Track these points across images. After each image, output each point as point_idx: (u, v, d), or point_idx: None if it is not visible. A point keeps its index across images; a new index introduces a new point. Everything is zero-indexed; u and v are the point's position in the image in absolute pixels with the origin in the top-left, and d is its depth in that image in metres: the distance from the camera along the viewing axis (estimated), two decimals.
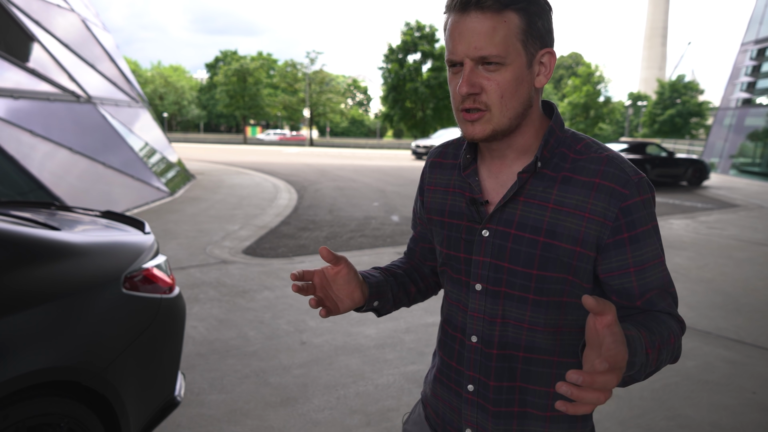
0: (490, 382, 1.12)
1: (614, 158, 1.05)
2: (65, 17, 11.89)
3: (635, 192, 1.02)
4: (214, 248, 7.04)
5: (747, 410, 3.30)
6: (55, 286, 2.02)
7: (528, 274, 1.06)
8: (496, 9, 0.97)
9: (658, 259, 1.05)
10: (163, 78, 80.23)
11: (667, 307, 1.06)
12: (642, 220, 1.02)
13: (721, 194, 15.29)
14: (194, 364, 3.68)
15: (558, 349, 1.09)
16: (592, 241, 1.02)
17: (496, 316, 1.10)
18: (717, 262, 7.09)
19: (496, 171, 1.12)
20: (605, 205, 1.01)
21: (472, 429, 1.15)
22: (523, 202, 1.06)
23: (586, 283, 1.06)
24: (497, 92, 1.00)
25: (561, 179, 1.05)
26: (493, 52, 0.98)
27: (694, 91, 58.25)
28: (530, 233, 1.05)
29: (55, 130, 9.16)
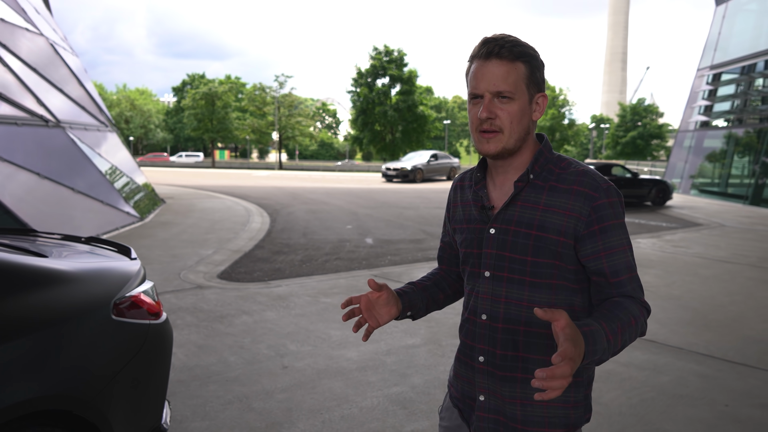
0: (498, 351, 1.40)
1: (588, 172, 1.38)
2: (33, 41, 11.74)
3: (604, 195, 1.34)
4: (189, 273, 6.96)
5: (721, 423, 3.41)
6: (45, 314, 2.00)
7: (524, 260, 1.37)
8: (510, 59, 1.33)
9: (622, 247, 1.35)
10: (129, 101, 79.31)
11: (631, 291, 1.35)
12: (609, 216, 1.33)
13: (684, 213, 15.78)
14: (175, 391, 3.63)
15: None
16: (571, 233, 1.34)
17: (500, 296, 1.40)
18: (684, 279, 7.31)
19: (500, 184, 1.45)
20: (581, 205, 1.33)
21: (485, 395, 1.43)
22: (520, 205, 1.39)
23: (570, 265, 1.36)
24: (508, 118, 1.34)
25: (548, 187, 1.37)
26: (507, 89, 1.33)
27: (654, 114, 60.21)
28: (525, 228, 1.36)
29: (23, 154, 8.98)
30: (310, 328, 5.00)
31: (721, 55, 23.32)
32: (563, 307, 1.37)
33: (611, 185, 1.36)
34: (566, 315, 1.12)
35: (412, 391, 3.73)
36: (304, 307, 5.66)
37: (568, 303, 1.38)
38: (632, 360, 4.39)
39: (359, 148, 56.78)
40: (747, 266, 8.28)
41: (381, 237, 10.29)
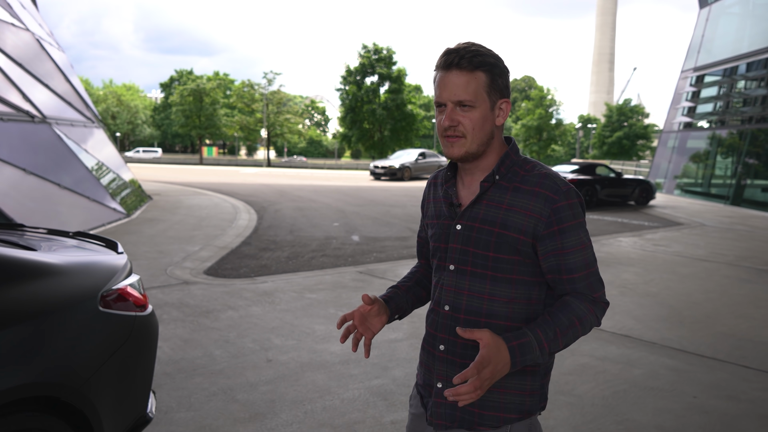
0: (459, 341, 1.47)
1: (550, 174, 1.45)
2: (19, 36, 11.69)
3: (563, 197, 1.41)
4: (175, 269, 7.02)
5: (689, 413, 3.55)
6: (34, 305, 2.08)
7: (486, 255, 1.45)
8: (469, 69, 1.40)
9: (580, 246, 1.43)
10: (115, 97, 78.69)
11: (584, 288, 1.44)
12: (568, 217, 1.41)
13: (666, 213, 16.03)
14: (161, 383, 3.71)
15: (511, 315, 1.46)
16: (531, 232, 1.42)
17: (463, 288, 1.48)
18: (662, 277, 7.49)
19: (468, 184, 1.53)
20: (541, 206, 1.41)
21: (442, 381, 1.49)
22: (485, 204, 1.47)
23: (528, 260, 1.45)
24: (470, 125, 1.42)
25: (512, 188, 1.45)
26: (467, 98, 1.40)
27: (640, 115, 60.79)
28: (489, 226, 1.45)
29: (8, 150, 8.97)
30: (295, 323, 5.09)
31: (704, 57, 23.65)
32: (521, 301, 1.46)
33: (571, 187, 1.43)
34: (488, 335, 1.31)
35: (392, 384, 3.83)
36: (289, 302, 5.75)
37: (525, 296, 1.46)
38: (607, 354, 4.53)
39: (348, 146, 56.81)
40: (724, 264, 8.47)
41: (367, 234, 10.39)
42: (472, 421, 1.47)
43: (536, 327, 1.39)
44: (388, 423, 3.30)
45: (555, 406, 3.58)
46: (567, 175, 16.76)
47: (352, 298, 6.01)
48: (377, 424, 3.28)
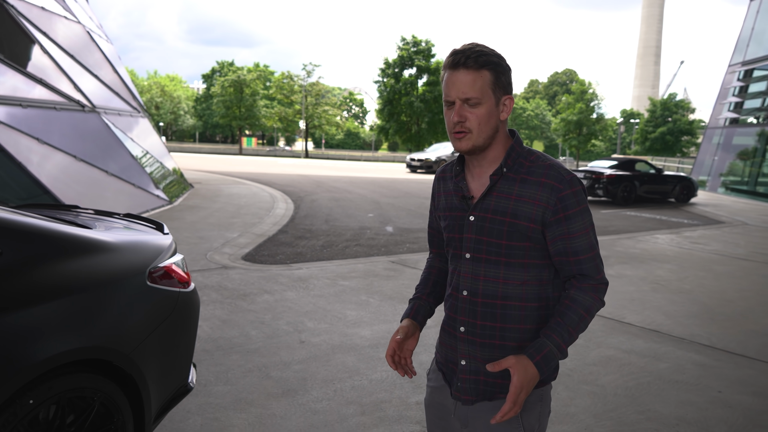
0: (478, 322, 1.60)
1: (554, 165, 1.56)
2: (71, 28, 12.19)
3: (567, 186, 1.53)
4: (215, 254, 7.30)
5: (712, 407, 3.59)
6: (89, 278, 2.28)
7: (500, 243, 1.56)
8: (475, 68, 1.50)
9: (584, 231, 1.56)
10: (159, 87, 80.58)
11: (589, 269, 1.57)
12: (572, 204, 1.53)
13: (708, 211, 15.67)
14: (201, 359, 3.93)
15: (524, 296, 1.58)
16: (539, 219, 1.53)
17: (479, 275, 1.59)
18: (697, 274, 7.41)
19: (477, 176, 1.63)
20: (548, 195, 1.52)
21: (466, 359, 1.62)
22: (496, 195, 1.57)
23: (538, 245, 1.56)
24: (476, 121, 1.53)
25: (520, 180, 1.56)
26: (474, 95, 1.51)
27: (685, 110, 59.10)
28: (500, 216, 1.55)
29: (60, 137, 9.42)
30: (328, 308, 5.27)
31: (754, 51, 22.90)
32: (533, 282, 1.58)
33: (574, 176, 1.54)
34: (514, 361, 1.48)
35: (419, 367, 3.96)
36: (322, 288, 5.94)
37: (537, 278, 1.58)
38: (633, 347, 4.57)
39: (385, 139, 56.96)
40: (763, 264, 8.31)
41: (401, 225, 10.52)
42: (494, 392, 1.59)
43: (552, 332, 1.52)
44: (413, 403, 3.45)
45: (577, 394, 3.67)
46: (605, 170, 16.53)
47: (383, 286, 6.16)
48: (403, 404, 3.43)
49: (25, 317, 2.01)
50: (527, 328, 1.58)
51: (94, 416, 2.23)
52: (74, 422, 2.17)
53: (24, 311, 2.02)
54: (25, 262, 2.10)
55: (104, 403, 2.24)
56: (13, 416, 1.94)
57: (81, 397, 2.17)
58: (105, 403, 2.24)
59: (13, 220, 2.20)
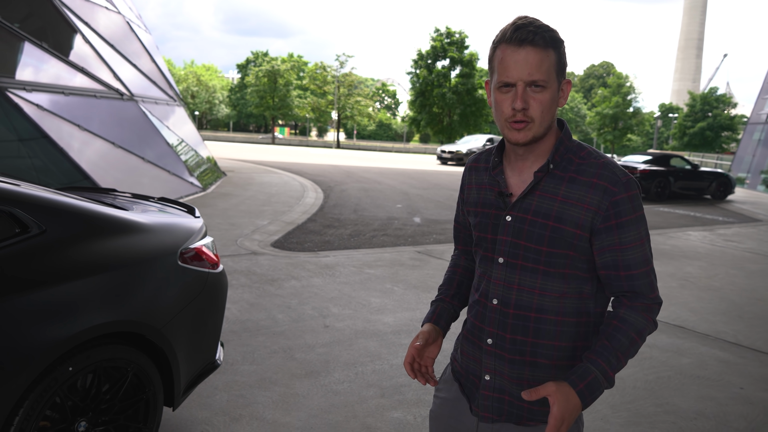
0: (507, 335, 1.42)
1: (608, 164, 1.37)
2: (111, 18, 12.54)
3: (623, 189, 1.34)
4: (245, 241, 7.48)
5: (732, 402, 3.58)
6: (125, 256, 2.43)
7: (539, 250, 1.38)
8: (543, 46, 1.31)
9: (639, 242, 1.37)
10: (195, 77, 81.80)
11: (642, 287, 1.38)
12: (627, 211, 1.35)
13: (745, 209, 15.29)
14: (229, 339, 4.09)
15: (562, 310, 1.40)
16: (588, 226, 1.35)
17: (513, 283, 1.41)
18: (728, 272, 7.29)
19: (519, 170, 1.44)
20: (600, 198, 1.34)
21: (491, 375, 1.46)
22: (539, 195, 1.39)
23: (583, 255, 1.38)
24: (539, 108, 1.33)
25: (568, 179, 1.37)
26: (541, 77, 1.31)
27: (727, 105, 57.44)
28: (542, 219, 1.37)
29: (99, 124, 9.74)
30: (353, 294, 5.39)
31: None
32: (573, 295, 1.40)
33: (630, 178, 1.35)
34: (554, 389, 1.27)
35: (440, 355, 4.04)
36: (348, 276, 6.05)
37: (577, 291, 1.40)
38: (656, 342, 4.56)
39: (417, 130, 56.87)
40: None
41: (429, 217, 10.58)
42: (521, 415, 1.44)
43: (598, 357, 1.33)
44: (432, 388, 3.53)
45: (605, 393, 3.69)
46: (639, 165, 16.26)
47: (408, 275, 6.25)
48: (422, 389, 3.52)
49: (66, 291, 2.16)
50: (563, 345, 1.41)
51: (128, 386, 2.38)
52: (109, 391, 2.33)
53: (65, 285, 2.17)
54: (67, 240, 2.25)
55: (137, 375, 2.38)
56: (54, 381, 2.09)
57: (116, 368, 2.31)
58: (138, 374, 2.39)
59: (56, 200, 2.35)
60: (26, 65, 9.27)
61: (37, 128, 8.22)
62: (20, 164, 8.00)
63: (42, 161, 8.26)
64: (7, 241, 2.09)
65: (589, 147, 1.42)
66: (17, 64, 9.23)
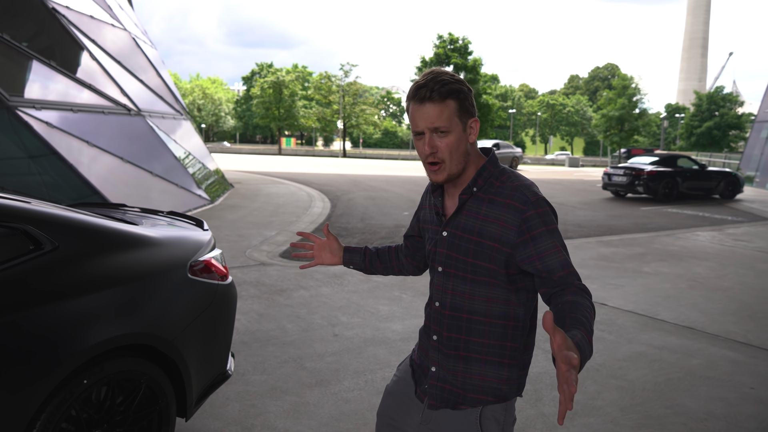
0: (444, 332, 1.66)
1: (520, 186, 1.57)
2: (117, 35, 12.70)
3: (531, 207, 1.54)
4: (253, 252, 7.54)
5: (743, 403, 3.58)
6: (136, 269, 2.48)
7: (466, 261, 1.60)
8: (439, 100, 1.53)
9: (554, 249, 1.53)
10: (201, 90, 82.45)
11: (576, 282, 1.51)
12: (537, 225, 1.53)
13: (754, 208, 15.21)
14: (239, 350, 4.13)
15: (489, 312, 1.60)
16: (505, 241, 1.55)
17: (448, 288, 1.65)
18: (737, 272, 7.26)
19: (452, 194, 1.68)
20: (512, 216, 1.54)
21: (435, 367, 1.69)
22: (465, 214, 1.62)
23: (502, 269, 1.56)
24: (447, 150, 1.57)
25: (487, 200, 1.59)
26: (442, 125, 1.54)
27: (733, 103, 57.16)
28: (468, 234, 1.60)
29: (107, 140, 9.86)
30: (361, 303, 5.42)
31: None
32: (500, 301, 1.59)
33: (539, 197, 1.55)
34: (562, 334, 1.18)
35: None
36: (356, 284, 6.09)
37: (504, 298, 1.59)
38: (665, 344, 4.56)
39: None
40: None
41: None
42: (456, 401, 1.64)
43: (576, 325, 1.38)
44: None
45: (605, 388, 3.71)
46: (646, 166, 16.21)
47: (416, 282, 6.27)
48: None
49: (79, 305, 2.21)
50: (491, 343, 1.60)
51: (141, 398, 2.42)
52: (123, 403, 2.37)
53: (79, 300, 2.22)
54: (78, 255, 2.30)
55: (150, 386, 2.43)
56: (69, 394, 2.13)
57: (129, 380, 2.36)
58: (150, 385, 2.43)
59: (67, 216, 2.41)
60: (35, 83, 9.41)
61: (46, 145, 8.34)
62: (31, 181, 8.11)
63: (52, 178, 8.38)
64: (22, 257, 2.15)
65: (511, 172, 1.63)
66: (26, 82, 9.38)
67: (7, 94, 8.13)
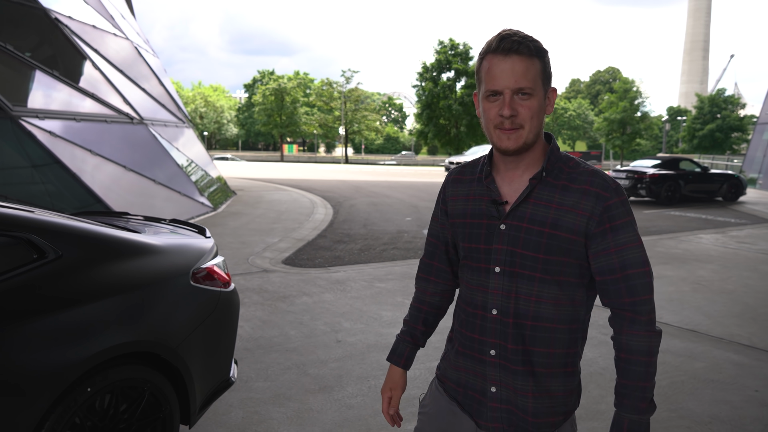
0: (509, 345, 1.44)
1: (598, 172, 1.43)
2: (120, 44, 12.77)
3: (614, 194, 1.39)
4: (256, 259, 7.55)
5: (747, 406, 3.56)
6: (139, 278, 2.49)
7: (536, 257, 1.40)
8: (528, 55, 1.35)
9: (634, 243, 1.40)
10: (203, 98, 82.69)
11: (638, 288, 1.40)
12: (620, 215, 1.39)
13: (757, 210, 15.18)
14: (242, 357, 4.13)
15: (557, 317, 1.43)
16: (582, 231, 1.38)
17: (511, 291, 1.43)
18: (741, 274, 7.25)
19: (509, 180, 1.46)
20: (593, 204, 1.38)
21: (497, 386, 1.47)
22: (533, 203, 1.41)
23: (576, 260, 1.41)
24: (528, 114, 1.37)
25: (561, 186, 1.41)
26: (527, 85, 1.35)
27: (735, 105, 57.14)
28: (538, 226, 1.40)
29: (110, 148, 9.90)
30: (364, 309, 5.42)
31: None
32: (566, 302, 1.43)
33: (619, 185, 1.41)
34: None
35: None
36: (359, 290, 6.09)
37: (570, 298, 1.43)
38: (669, 347, 4.54)
39: (424, 142, 57.00)
40: None
41: None
42: (526, 429, 1.46)
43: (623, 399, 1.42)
44: None
45: (609, 392, 3.70)
46: (648, 170, 16.21)
47: None
48: None
49: (83, 313, 2.22)
50: (555, 353, 1.44)
51: (145, 405, 2.43)
52: (127, 410, 2.37)
53: (82, 308, 2.23)
54: (82, 264, 2.31)
55: (153, 393, 2.43)
56: (73, 402, 2.14)
57: (133, 387, 2.37)
58: (154, 393, 2.43)
59: (71, 225, 2.42)
60: (38, 93, 9.47)
61: (49, 154, 8.38)
62: (34, 190, 8.15)
63: (55, 186, 8.41)
64: (26, 266, 2.16)
65: (576, 157, 1.47)
66: (29, 92, 9.43)
67: (10, 104, 8.18)
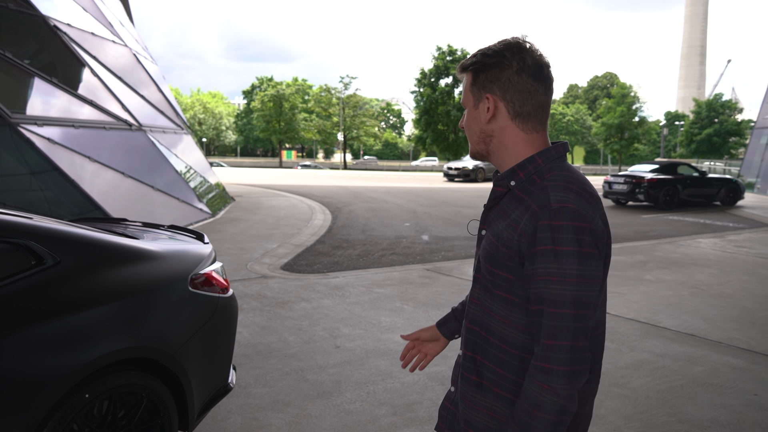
0: (467, 352, 1.42)
1: (552, 187, 1.27)
2: (118, 51, 12.80)
3: (547, 216, 1.23)
4: (255, 265, 7.54)
5: (746, 410, 3.57)
6: (138, 284, 2.49)
7: (486, 267, 1.36)
8: (461, 72, 1.41)
9: (553, 276, 1.21)
10: (202, 104, 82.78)
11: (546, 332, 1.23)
12: (543, 240, 1.22)
13: (755, 214, 15.20)
14: (241, 363, 4.13)
15: (505, 338, 1.33)
16: (516, 249, 1.28)
17: (474, 296, 1.42)
18: (740, 278, 7.25)
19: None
20: (527, 221, 1.26)
21: (455, 386, 1.49)
22: (496, 211, 1.38)
23: (520, 281, 1.29)
24: (466, 127, 1.43)
25: (517, 198, 1.32)
26: (463, 100, 1.41)
27: (733, 110, 57.31)
28: (492, 236, 1.35)
29: (109, 155, 9.91)
30: (363, 314, 5.42)
31: None
32: (518, 327, 1.31)
33: (565, 207, 1.22)
34: None
35: (450, 371, 4.06)
36: (358, 296, 6.09)
37: (523, 323, 1.31)
38: (668, 351, 4.55)
39: (423, 148, 57.07)
40: None
41: (437, 234, 10.61)
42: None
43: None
44: None
45: (607, 396, 3.70)
46: (646, 174, 16.23)
47: (417, 293, 6.28)
48: (433, 405, 3.53)
49: (81, 319, 2.23)
50: (505, 376, 1.33)
51: (143, 411, 2.43)
52: (125, 416, 2.37)
53: (81, 314, 2.23)
54: (80, 270, 2.31)
55: (152, 399, 2.43)
56: (71, 409, 2.14)
57: (131, 393, 2.36)
58: (152, 399, 2.43)
59: (69, 231, 2.42)
60: (37, 100, 9.48)
61: (48, 161, 8.38)
62: (33, 197, 8.14)
63: (54, 193, 8.41)
64: (25, 273, 2.16)
65: (561, 171, 1.31)
66: (28, 99, 9.44)
67: (9, 111, 8.18)
